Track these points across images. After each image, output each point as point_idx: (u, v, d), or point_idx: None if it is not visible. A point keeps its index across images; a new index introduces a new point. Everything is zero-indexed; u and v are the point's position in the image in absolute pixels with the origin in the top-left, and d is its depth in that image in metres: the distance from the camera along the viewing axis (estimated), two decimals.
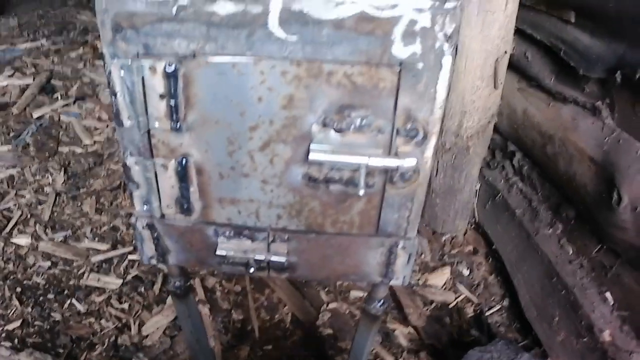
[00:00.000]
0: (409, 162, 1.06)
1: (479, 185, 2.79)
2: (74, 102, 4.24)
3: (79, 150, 3.61)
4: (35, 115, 4.01)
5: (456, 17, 0.97)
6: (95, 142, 3.71)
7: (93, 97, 4.31)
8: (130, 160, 1.22)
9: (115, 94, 1.11)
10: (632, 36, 1.81)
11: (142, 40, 1.03)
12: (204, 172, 1.21)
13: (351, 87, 1.04)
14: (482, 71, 2.26)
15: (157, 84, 1.08)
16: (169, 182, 1.23)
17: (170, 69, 1.05)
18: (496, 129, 2.68)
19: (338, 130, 1.08)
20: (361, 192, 1.08)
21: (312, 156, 1.08)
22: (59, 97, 4.33)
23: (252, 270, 1.29)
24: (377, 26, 0.97)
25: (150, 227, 1.34)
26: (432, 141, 1.09)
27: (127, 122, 1.15)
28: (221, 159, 1.18)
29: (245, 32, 0.99)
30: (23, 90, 4.35)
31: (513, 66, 2.51)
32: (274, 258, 1.27)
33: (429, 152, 1.10)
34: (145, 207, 1.30)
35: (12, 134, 3.76)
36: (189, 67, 1.05)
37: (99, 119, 4.00)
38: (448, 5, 0.96)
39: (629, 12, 1.80)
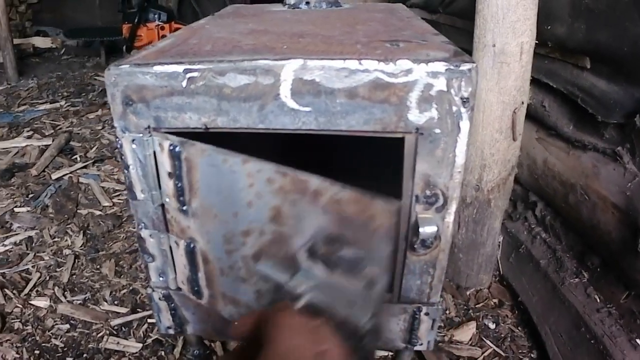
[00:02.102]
0: (429, 230, 1.03)
1: (502, 237, 2.75)
2: (93, 164, 4.26)
3: (97, 212, 3.60)
4: (54, 176, 4.03)
5: (472, 80, 0.95)
6: (114, 204, 3.71)
7: (112, 159, 4.33)
8: (144, 233, 1.20)
9: (127, 167, 1.10)
10: None
11: (152, 113, 1.03)
12: (208, 262, 1.18)
13: (340, 216, 1.01)
14: (500, 123, 2.24)
15: (165, 162, 1.07)
16: (181, 260, 1.21)
17: (175, 150, 1.04)
18: (516, 180, 2.65)
19: (326, 264, 1.02)
20: None
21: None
22: (78, 159, 4.36)
23: None
24: (392, 93, 0.95)
25: (167, 298, 1.31)
26: (453, 206, 1.06)
27: (140, 195, 1.13)
28: (220, 254, 1.16)
29: (257, 104, 0.98)
30: (42, 151, 4.39)
31: (531, 116, 2.49)
32: None
33: (450, 217, 1.08)
34: (161, 278, 1.27)
35: (30, 196, 3.77)
36: (189, 152, 1.04)
37: (118, 181, 4.00)
38: (463, 67, 0.94)
39: None
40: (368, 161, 1.95)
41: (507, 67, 2.13)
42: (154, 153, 1.07)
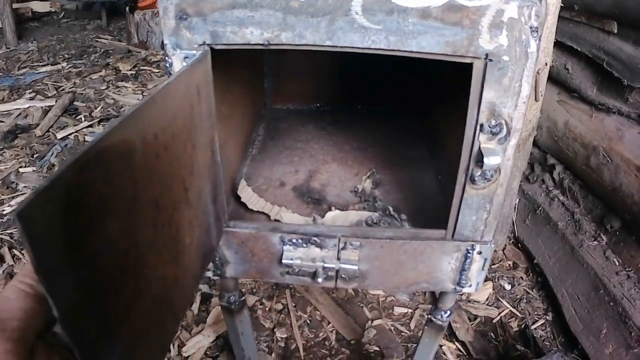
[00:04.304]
0: (493, 160, 1.01)
1: (518, 199, 2.74)
2: (99, 123, 4.22)
3: None
4: (59, 136, 3.99)
5: (541, 10, 0.92)
6: None
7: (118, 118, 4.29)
8: None
9: None
10: None
11: (209, 28, 0.97)
12: None
13: None
14: None
15: None
16: None
17: None
18: (534, 143, 2.64)
19: None
20: None
21: None
22: (83, 118, 4.32)
23: (320, 280, 1.23)
24: (465, 16, 0.92)
25: None
26: (515, 139, 1.04)
27: None
28: None
29: (326, 19, 0.94)
30: (45, 112, 4.34)
31: (552, 79, 2.48)
32: (344, 266, 1.21)
33: (511, 150, 1.05)
34: None
35: (36, 155, 3.73)
36: None
37: None
38: None
39: None
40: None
41: None
42: None
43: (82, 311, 0.54)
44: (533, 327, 2.35)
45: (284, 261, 1.22)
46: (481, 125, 1.02)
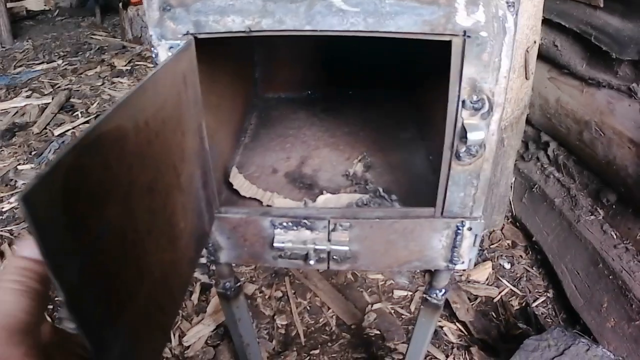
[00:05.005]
0: (477, 136, 1.02)
1: (514, 178, 2.75)
2: (95, 119, 4.20)
3: None
4: (57, 133, 4.01)
5: None
6: None
7: None
8: None
9: None
10: None
11: (192, 18, 0.99)
12: None
13: None
14: (513, 62, 2.23)
15: None
16: None
17: None
18: (528, 121, 2.66)
19: None
20: None
21: None
22: (80, 115, 4.34)
23: (312, 262, 1.24)
24: None
25: None
26: (498, 113, 1.05)
27: None
28: None
29: (305, 4, 0.95)
30: (42, 109, 4.36)
31: (542, 56, 2.49)
32: (335, 247, 1.22)
33: (495, 125, 1.07)
34: None
35: (34, 153, 3.75)
36: None
37: None
38: None
39: None
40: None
41: (520, 7, 2.11)
42: None
43: (86, 294, 0.55)
44: (534, 304, 2.36)
45: (275, 245, 1.23)
46: (463, 102, 1.03)
